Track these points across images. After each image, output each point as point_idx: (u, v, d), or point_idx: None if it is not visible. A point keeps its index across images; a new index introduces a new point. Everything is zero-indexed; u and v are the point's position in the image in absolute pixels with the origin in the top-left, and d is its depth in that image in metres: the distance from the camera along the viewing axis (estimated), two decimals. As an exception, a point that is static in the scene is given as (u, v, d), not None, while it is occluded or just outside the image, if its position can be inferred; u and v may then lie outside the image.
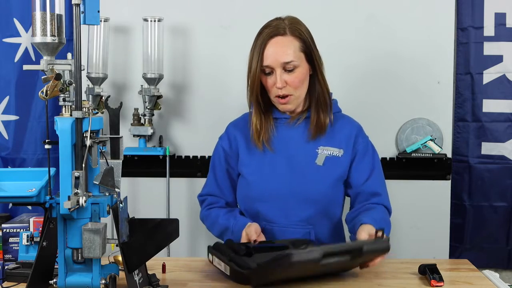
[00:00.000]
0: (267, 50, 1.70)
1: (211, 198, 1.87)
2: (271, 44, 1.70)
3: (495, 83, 2.37)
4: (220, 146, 1.86)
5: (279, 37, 1.71)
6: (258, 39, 1.72)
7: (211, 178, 1.88)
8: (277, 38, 1.70)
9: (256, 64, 1.70)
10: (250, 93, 1.74)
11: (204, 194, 1.89)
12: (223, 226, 1.77)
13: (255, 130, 1.76)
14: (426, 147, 2.35)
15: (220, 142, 1.87)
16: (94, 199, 1.26)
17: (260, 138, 1.76)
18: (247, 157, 1.80)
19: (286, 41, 1.71)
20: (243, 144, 1.81)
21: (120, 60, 2.42)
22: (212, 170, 1.88)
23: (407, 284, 1.49)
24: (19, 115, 2.41)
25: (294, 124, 1.79)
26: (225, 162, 1.84)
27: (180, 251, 2.40)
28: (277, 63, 1.69)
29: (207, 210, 1.86)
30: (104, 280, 1.27)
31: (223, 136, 1.87)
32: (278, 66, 1.69)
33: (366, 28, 2.37)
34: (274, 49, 1.69)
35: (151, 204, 2.43)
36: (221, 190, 1.86)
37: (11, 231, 1.76)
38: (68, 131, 1.21)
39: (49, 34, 1.26)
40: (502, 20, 2.34)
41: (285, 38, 1.71)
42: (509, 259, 2.41)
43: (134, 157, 2.38)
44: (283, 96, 1.71)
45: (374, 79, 2.38)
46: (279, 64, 1.69)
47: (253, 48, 1.73)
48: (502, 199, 2.38)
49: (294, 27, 1.73)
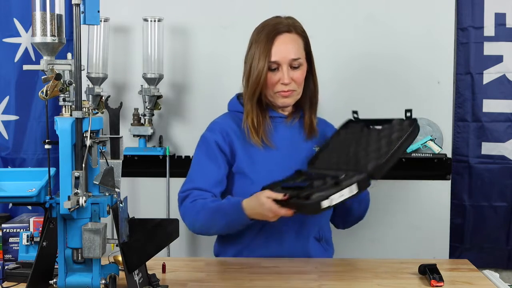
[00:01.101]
0: (275, 47, 1.72)
1: (196, 192, 1.73)
2: (279, 41, 1.72)
3: (495, 83, 2.36)
4: (212, 140, 1.78)
5: (286, 34, 1.74)
6: (260, 35, 1.73)
7: (197, 172, 1.77)
8: (285, 35, 1.73)
9: (264, 60, 1.71)
10: (253, 90, 1.74)
11: (186, 190, 1.75)
12: (213, 208, 1.65)
13: (252, 128, 1.75)
14: (426, 147, 2.35)
15: (211, 136, 1.79)
16: (94, 199, 1.26)
17: (259, 135, 1.76)
18: (245, 155, 1.77)
19: (293, 38, 1.75)
20: (237, 142, 1.78)
21: (120, 60, 2.42)
22: (197, 164, 1.78)
23: (407, 284, 1.49)
24: (19, 115, 2.41)
25: (291, 123, 1.82)
26: (220, 155, 1.77)
27: (180, 251, 2.40)
28: (286, 60, 1.72)
29: (191, 203, 1.71)
30: (104, 280, 1.27)
31: (213, 130, 1.80)
32: (286, 62, 1.72)
33: (366, 28, 2.37)
34: (283, 45, 1.72)
35: (151, 204, 2.43)
36: (209, 184, 1.74)
37: (11, 231, 1.76)
38: (68, 131, 1.21)
39: (49, 34, 1.26)
40: (502, 20, 2.34)
41: (292, 35, 1.74)
42: (509, 259, 2.41)
43: (134, 157, 2.38)
44: (287, 91, 1.74)
45: (374, 79, 2.37)
46: (287, 61, 1.72)
47: (255, 45, 1.74)
48: (502, 199, 2.38)
49: (297, 25, 1.77)
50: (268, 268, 1.63)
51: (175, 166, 2.39)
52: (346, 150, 1.68)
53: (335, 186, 1.43)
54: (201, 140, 1.83)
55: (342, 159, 1.66)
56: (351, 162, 1.61)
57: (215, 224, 1.66)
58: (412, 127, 1.58)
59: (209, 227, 1.69)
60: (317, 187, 1.49)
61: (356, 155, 1.62)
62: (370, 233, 2.39)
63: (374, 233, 2.39)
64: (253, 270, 1.62)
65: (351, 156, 1.64)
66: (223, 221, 1.64)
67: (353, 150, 1.65)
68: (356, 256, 2.15)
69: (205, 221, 1.67)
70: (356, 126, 1.76)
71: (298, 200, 1.45)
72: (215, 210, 1.65)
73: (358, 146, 1.65)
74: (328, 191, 1.41)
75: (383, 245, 2.41)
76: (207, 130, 1.83)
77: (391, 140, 1.57)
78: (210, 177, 1.75)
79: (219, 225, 1.65)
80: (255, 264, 1.68)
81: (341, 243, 2.11)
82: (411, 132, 1.57)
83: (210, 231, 1.74)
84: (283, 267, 1.63)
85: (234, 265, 1.69)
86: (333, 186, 1.44)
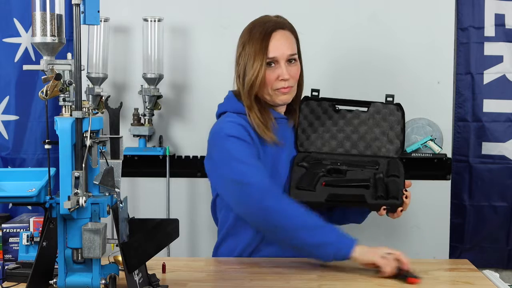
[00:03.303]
0: (272, 43, 1.72)
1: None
2: (275, 37, 1.73)
3: (495, 83, 2.37)
4: (243, 135, 1.68)
5: (281, 31, 1.75)
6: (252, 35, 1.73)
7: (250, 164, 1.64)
8: (279, 32, 1.74)
9: (261, 58, 1.71)
10: (249, 89, 1.73)
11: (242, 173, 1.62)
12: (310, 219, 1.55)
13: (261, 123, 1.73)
14: (426, 147, 2.35)
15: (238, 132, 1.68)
16: (94, 199, 1.26)
17: (270, 130, 1.74)
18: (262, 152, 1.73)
19: (288, 34, 1.76)
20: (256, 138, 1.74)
21: (120, 60, 2.42)
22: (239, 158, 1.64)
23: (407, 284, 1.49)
24: (19, 115, 2.41)
25: (291, 124, 1.85)
26: (253, 145, 1.69)
27: (180, 251, 2.40)
28: (283, 55, 1.73)
29: (273, 186, 1.61)
30: (104, 280, 1.27)
31: (233, 129, 1.69)
32: (284, 58, 1.73)
33: (366, 27, 2.37)
34: (279, 41, 1.73)
35: (151, 204, 2.43)
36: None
37: (11, 231, 1.76)
38: (68, 131, 1.21)
39: (49, 34, 1.26)
40: (502, 21, 2.34)
41: (285, 32, 1.76)
42: (509, 259, 2.41)
43: (134, 157, 2.38)
44: (286, 87, 1.74)
45: (373, 78, 2.37)
46: (285, 56, 1.73)
47: (249, 44, 1.73)
48: (502, 199, 2.38)
49: (287, 23, 1.79)
50: (268, 268, 1.63)
51: (175, 166, 2.39)
52: (341, 131, 1.86)
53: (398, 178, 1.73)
54: (226, 140, 1.68)
55: (345, 141, 1.85)
56: (363, 146, 1.85)
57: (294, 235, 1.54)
58: (402, 111, 1.86)
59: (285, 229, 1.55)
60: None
61: (364, 138, 1.84)
62: (370, 233, 2.38)
63: (374, 233, 2.39)
64: (253, 270, 1.62)
65: (356, 140, 1.85)
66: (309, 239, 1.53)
67: (351, 131, 1.85)
68: (356, 256, 2.14)
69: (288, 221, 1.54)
70: (321, 104, 1.88)
71: (388, 201, 1.69)
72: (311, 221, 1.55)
73: (356, 128, 1.85)
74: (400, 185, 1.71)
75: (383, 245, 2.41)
76: (226, 132, 1.69)
77: (392, 124, 1.85)
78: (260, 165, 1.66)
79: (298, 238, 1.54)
80: (255, 264, 1.68)
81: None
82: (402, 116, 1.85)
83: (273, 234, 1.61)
84: (283, 267, 1.62)
85: (234, 265, 1.69)
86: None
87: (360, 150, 1.84)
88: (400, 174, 1.75)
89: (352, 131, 1.86)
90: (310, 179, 1.74)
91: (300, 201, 1.64)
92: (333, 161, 1.80)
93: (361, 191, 1.71)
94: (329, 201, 1.71)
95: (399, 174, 1.74)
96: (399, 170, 1.76)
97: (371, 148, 1.84)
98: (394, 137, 1.84)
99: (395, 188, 1.70)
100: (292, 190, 1.73)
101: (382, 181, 1.73)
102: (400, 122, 1.85)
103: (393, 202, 1.68)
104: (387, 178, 1.74)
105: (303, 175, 1.75)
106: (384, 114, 1.86)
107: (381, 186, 1.71)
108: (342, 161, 1.80)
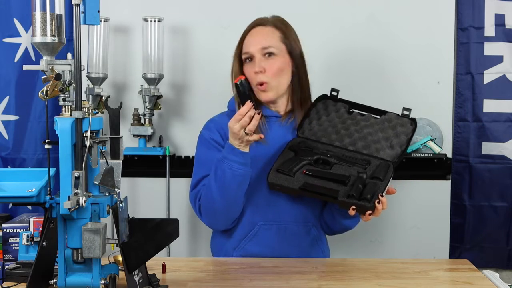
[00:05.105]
0: (247, 39, 1.78)
1: (202, 183, 1.78)
2: (251, 33, 1.78)
3: (495, 83, 2.36)
4: (209, 138, 1.81)
5: (260, 27, 1.79)
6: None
7: (199, 164, 1.80)
8: (257, 28, 1.79)
9: (238, 55, 1.78)
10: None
11: (193, 185, 1.79)
12: (215, 184, 1.69)
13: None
14: (426, 147, 2.34)
15: (208, 134, 1.82)
16: (94, 199, 1.26)
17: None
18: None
19: (266, 29, 1.78)
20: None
21: (120, 60, 2.42)
22: (199, 159, 1.81)
23: (407, 284, 1.49)
24: (19, 115, 2.41)
25: (286, 123, 1.84)
26: (219, 149, 1.77)
27: (180, 251, 2.40)
28: (256, 49, 1.75)
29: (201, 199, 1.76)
30: (104, 280, 1.27)
31: (210, 128, 1.83)
32: (257, 51, 1.75)
33: (366, 27, 2.37)
34: (253, 37, 1.78)
35: (151, 204, 2.43)
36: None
37: (11, 231, 1.75)
38: (68, 131, 1.21)
39: (49, 34, 1.26)
40: (502, 21, 2.34)
41: (266, 27, 1.79)
42: (509, 259, 2.41)
43: (134, 157, 2.38)
44: (260, 83, 1.75)
45: (374, 79, 2.37)
46: (257, 50, 1.75)
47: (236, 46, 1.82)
48: (502, 199, 2.38)
49: (277, 20, 1.81)
50: (268, 268, 1.63)
51: (175, 166, 2.39)
52: (345, 127, 1.83)
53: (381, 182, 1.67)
54: (199, 139, 1.86)
55: (345, 137, 1.82)
56: (361, 144, 1.79)
57: (228, 193, 1.69)
58: (414, 126, 1.82)
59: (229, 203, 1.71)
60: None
61: (365, 138, 1.80)
62: (370, 233, 2.39)
63: (374, 233, 2.39)
64: (253, 270, 1.62)
65: (357, 138, 1.80)
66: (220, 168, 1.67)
67: (355, 130, 1.82)
68: (356, 256, 2.15)
69: (221, 201, 1.70)
70: (337, 105, 1.89)
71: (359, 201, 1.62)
72: (217, 183, 1.68)
73: (361, 128, 1.82)
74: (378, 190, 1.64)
75: (383, 245, 2.41)
76: (204, 129, 1.87)
77: (399, 134, 1.80)
78: (212, 163, 1.74)
79: (231, 190, 1.67)
80: (255, 264, 1.68)
81: (340, 243, 2.12)
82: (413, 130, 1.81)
83: (232, 208, 1.74)
84: (283, 267, 1.63)
85: (234, 265, 1.70)
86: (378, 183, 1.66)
87: (358, 147, 1.79)
88: (385, 178, 1.68)
89: (356, 130, 1.82)
90: (292, 165, 1.72)
91: (275, 184, 1.68)
92: (324, 152, 1.77)
93: (338, 187, 1.67)
94: (302, 189, 1.67)
95: (383, 178, 1.68)
96: (386, 174, 1.69)
97: (369, 149, 1.79)
98: (397, 145, 1.79)
99: (371, 190, 1.63)
100: (271, 172, 1.72)
101: (362, 181, 1.67)
102: (409, 134, 1.80)
103: (363, 204, 1.61)
104: (370, 179, 1.68)
105: (288, 159, 1.74)
106: (395, 124, 1.82)
107: (357, 186, 1.65)
108: (334, 154, 1.77)
